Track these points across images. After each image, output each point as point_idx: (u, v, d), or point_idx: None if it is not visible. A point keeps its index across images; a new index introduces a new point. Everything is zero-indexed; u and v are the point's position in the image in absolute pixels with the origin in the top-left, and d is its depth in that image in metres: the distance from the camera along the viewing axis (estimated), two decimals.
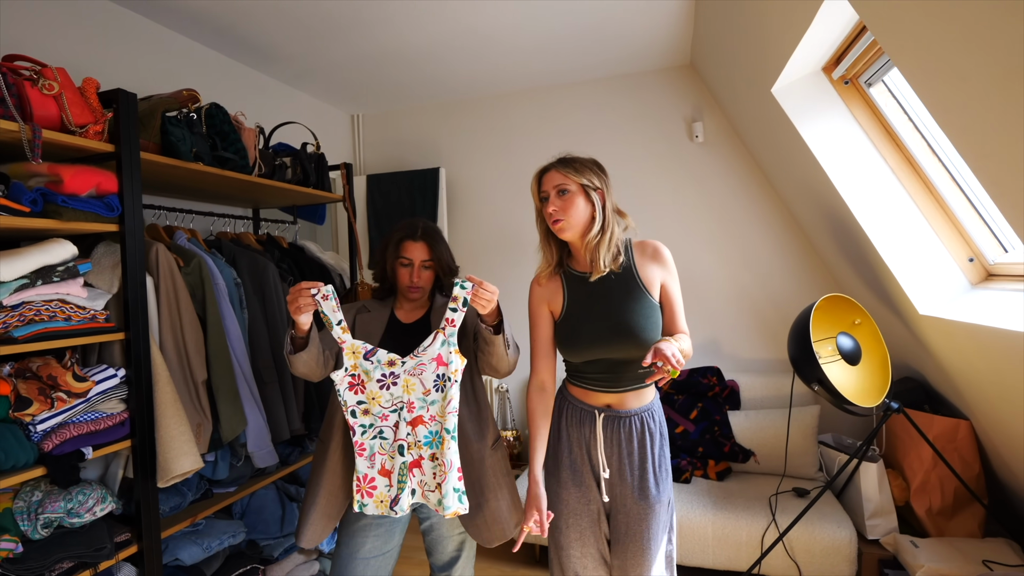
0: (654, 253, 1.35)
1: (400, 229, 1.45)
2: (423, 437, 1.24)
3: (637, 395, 1.33)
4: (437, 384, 1.25)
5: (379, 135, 3.46)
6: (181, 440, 1.40)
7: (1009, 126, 0.94)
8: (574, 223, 1.29)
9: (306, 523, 1.37)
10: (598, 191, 1.31)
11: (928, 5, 0.97)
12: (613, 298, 1.30)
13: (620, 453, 1.33)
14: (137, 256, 1.42)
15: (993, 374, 1.57)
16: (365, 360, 1.24)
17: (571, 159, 1.33)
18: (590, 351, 1.31)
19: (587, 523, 1.35)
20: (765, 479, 2.43)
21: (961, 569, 1.76)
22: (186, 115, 1.66)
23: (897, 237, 1.81)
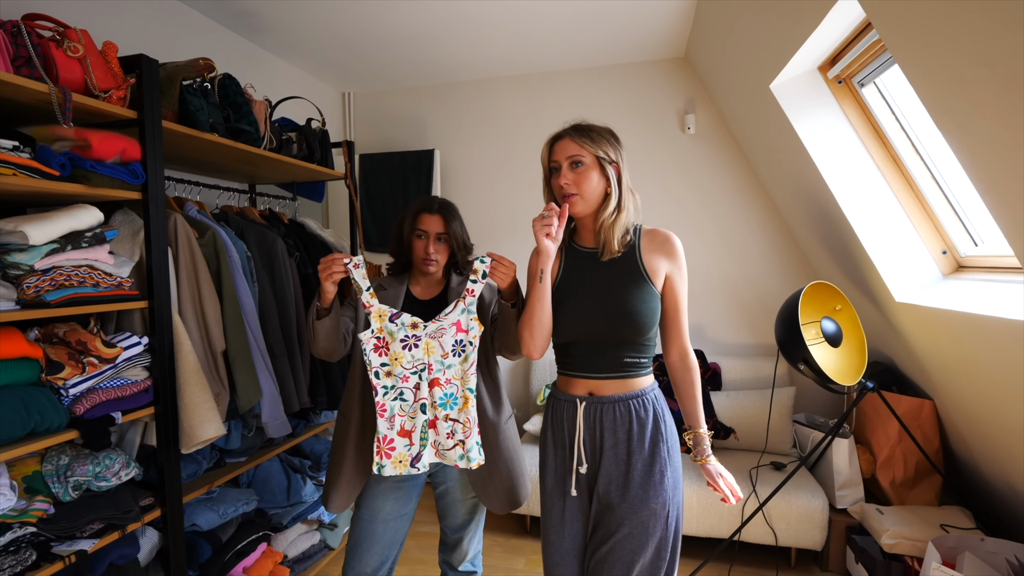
0: (664, 242, 1.22)
1: (417, 202, 1.50)
2: (439, 398, 1.29)
3: (621, 382, 1.20)
4: (455, 349, 1.30)
5: (371, 114, 3.44)
6: (205, 408, 1.42)
7: (1005, 130, 1.05)
8: (588, 198, 1.19)
9: (334, 490, 1.43)
10: (614, 164, 1.20)
11: (934, 8, 1.07)
12: (610, 279, 1.20)
13: (603, 445, 1.19)
14: (160, 225, 1.42)
15: (960, 356, 1.73)
16: (390, 323, 1.30)
17: (587, 127, 1.22)
18: (572, 329, 1.21)
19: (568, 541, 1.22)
20: (745, 454, 2.59)
21: (921, 533, 1.94)
22: (201, 84, 1.65)
23: (879, 229, 1.95)
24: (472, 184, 3.30)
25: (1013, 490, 1.83)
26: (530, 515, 2.55)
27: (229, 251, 1.69)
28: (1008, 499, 1.90)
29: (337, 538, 2.29)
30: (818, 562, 2.31)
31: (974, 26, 0.98)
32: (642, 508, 1.14)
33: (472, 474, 1.44)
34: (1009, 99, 1.00)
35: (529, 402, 3.14)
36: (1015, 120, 1.02)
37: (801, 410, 2.87)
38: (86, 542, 1.25)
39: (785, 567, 2.28)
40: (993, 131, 1.09)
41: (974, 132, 1.15)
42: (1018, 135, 1.03)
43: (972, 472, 2.11)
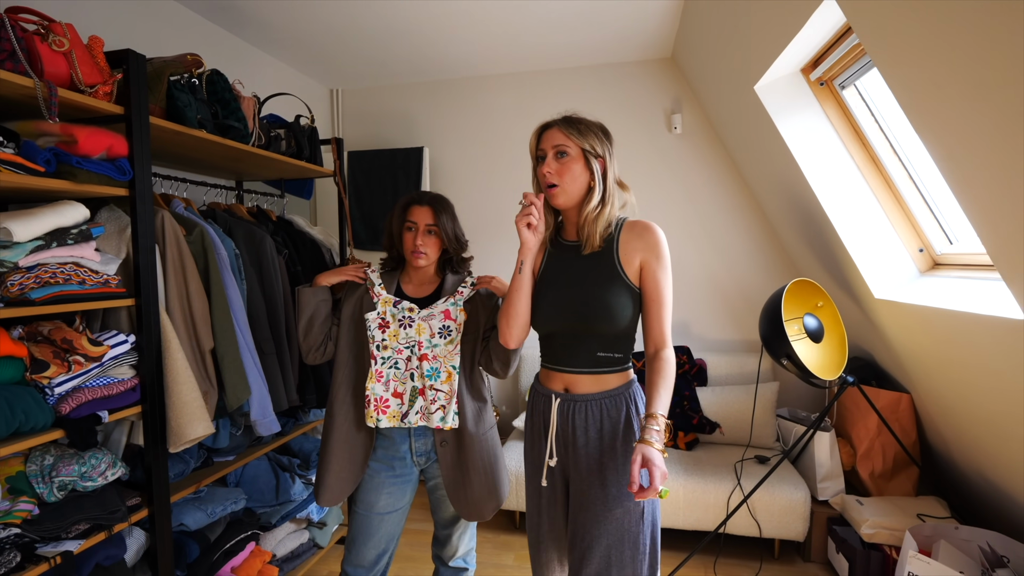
0: (642, 232, 1.19)
1: (408, 195, 1.54)
2: (427, 371, 1.47)
3: (595, 379, 1.19)
4: (442, 332, 1.48)
5: (360, 111, 3.42)
6: (194, 406, 1.40)
7: (978, 132, 1.09)
8: (569, 190, 1.17)
9: (323, 486, 1.46)
10: (599, 159, 1.19)
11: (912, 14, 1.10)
12: (585, 272, 1.20)
13: (576, 443, 1.19)
14: (147, 222, 1.40)
15: (936, 351, 1.79)
16: (394, 307, 1.50)
17: (576, 119, 1.20)
18: (550, 320, 1.22)
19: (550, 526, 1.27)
20: (730, 448, 2.64)
21: (899, 522, 1.99)
22: (189, 80, 1.63)
23: (859, 228, 2.00)
24: (461, 182, 3.30)
25: (986, 480, 1.89)
26: (519, 511, 2.56)
27: (217, 248, 1.67)
28: (981, 489, 1.97)
29: (326, 537, 2.29)
30: (800, 553, 2.36)
31: (949, 33, 1.02)
32: (616, 506, 1.14)
33: (447, 480, 1.50)
34: (981, 103, 1.04)
35: (518, 398, 3.16)
36: (987, 124, 1.05)
37: (784, 405, 2.93)
38: (72, 543, 1.24)
39: (769, 558, 2.33)
40: (966, 134, 1.13)
41: (948, 134, 1.19)
42: (989, 138, 1.07)
43: (947, 463, 2.17)
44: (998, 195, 1.14)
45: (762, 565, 2.28)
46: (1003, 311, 1.32)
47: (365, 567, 1.52)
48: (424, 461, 1.53)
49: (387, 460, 1.52)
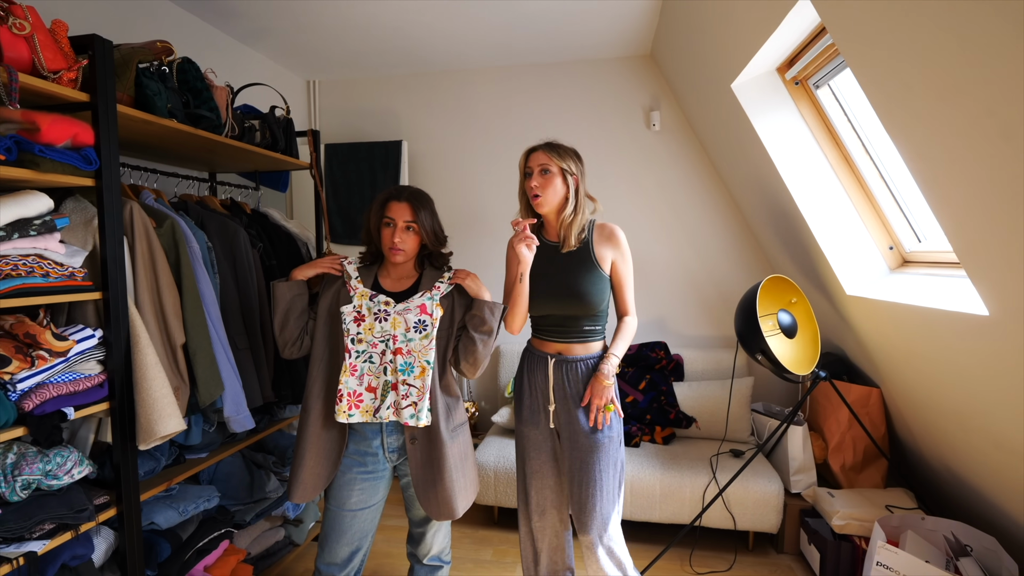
0: (610, 235, 1.59)
1: (387, 191, 1.54)
2: (400, 365, 1.46)
3: (584, 345, 1.59)
4: (417, 326, 1.48)
5: (337, 103, 3.37)
6: (164, 402, 1.37)
7: (945, 133, 1.12)
8: (550, 199, 1.53)
9: (296, 480, 1.44)
10: (573, 176, 1.54)
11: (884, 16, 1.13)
12: (569, 267, 1.56)
13: (568, 393, 1.57)
14: (115, 213, 1.36)
15: (904, 346, 1.84)
16: (370, 300, 1.50)
17: (556, 144, 1.55)
18: (544, 306, 1.58)
19: (545, 458, 1.63)
20: (706, 443, 2.68)
21: (868, 514, 2.05)
22: (159, 68, 1.58)
23: (831, 226, 2.04)
24: (440, 176, 3.28)
25: (951, 472, 1.96)
26: (498, 506, 2.57)
27: (189, 241, 1.64)
28: (947, 480, 2.03)
29: (303, 534, 2.26)
30: (774, 544, 2.41)
31: (919, 35, 1.04)
32: (604, 438, 1.54)
33: (416, 479, 1.50)
34: (948, 104, 1.07)
35: (497, 395, 3.16)
36: (954, 124, 1.08)
37: (759, 399, 2.99)
38: (36, 543, 1.20)
39: (743, 550, 2.38)
40: (934, 134, 1.16)
41: (917, 134, 1.22)
42: (956, 139, 1.10)
43: (915, 456, 2.24)
44: (964, 194, 1.17)
45: (736, 557, 2.32)
46: (968, 307, 1.37)
47: (338, 564, 1.51)
48: (396, 457, 1.53)
49: (359, 456, 1.51)
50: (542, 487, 1.65)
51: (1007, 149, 0.98)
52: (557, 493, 1.66)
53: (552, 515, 1.67)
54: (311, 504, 2.31)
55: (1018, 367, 1.30)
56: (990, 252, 1.19)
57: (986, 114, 0.98)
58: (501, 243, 3.21)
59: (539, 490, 1.65)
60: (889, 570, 1.64)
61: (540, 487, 1.65)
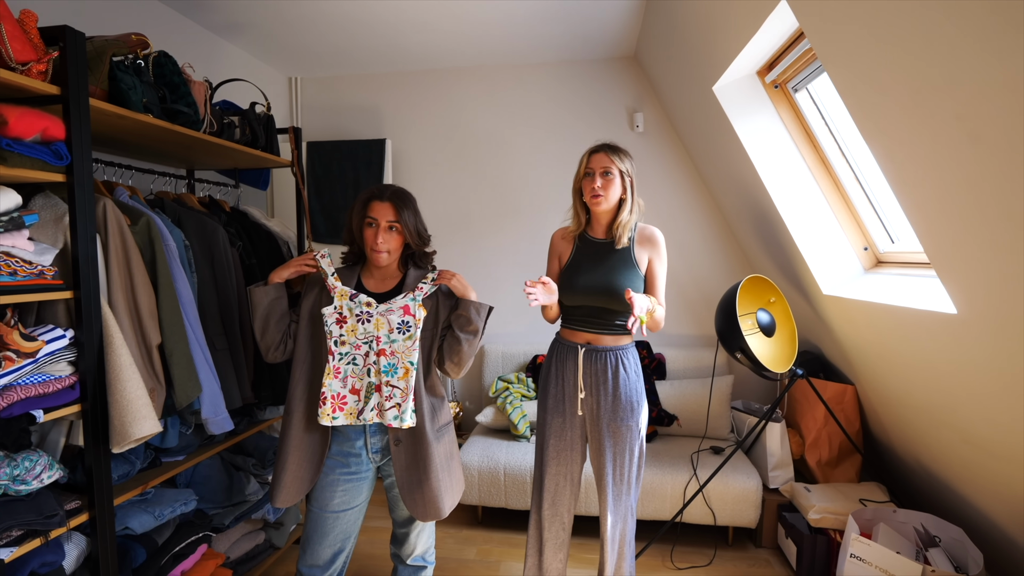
0: (650, 237, 1.68)
1: (368, 190, 1.50)
2: (384, 367, 1.44)
3: (613, 337, 1.66)
4: (400, 327, 1.46)
5: (320, 101, 3.33)
6: (139, 404, 1.34)
7: (917, 137, 1.14)
8: (610, 200, 1.61)
9: (279, 485, 1.42)
10: (631, 178, 1.63)
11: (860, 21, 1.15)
12: (609, 263, 1.64)
13: (596, 381, 1.64)
14: (87, 209, 1.32)
15: (878, 344, 1.88)
16: (350, 300, 1.47)
17: (616, 146, 1.63)
18: (581, 297, 1.64)
19: (565, 445, 1.68)
20: (687, 440, 2.71)
21: (843, 507, 2.09)
22: (134, 61, 1.54)
23: (809, 227, 2.08)
24: (425, 175, 3.26)
25: (922, 465, 2.01)
26: (482, 506, 2.56)
27: (165, 239, 1.60)
28: (917, 474, 2.08)
29: (283, 537, 2.23)
30: (752, 539, 2.45)
31: (893, 41, 1.06)
32: (623, 425, 1.63)
33: (400, 480, 1.47)
34: (920, 109, 1.09)
35: (482, 394, 3.15)
36: (925, 129, 1.11)
37: (739, 397, 3.03)
38: (4, 550, 1.16)
39: (723, 545, 2.41)
40: (906, 138, 1.19)
41: (890, 137, 1.25)
42: (926, 142, 1.12)
43: (888, 451, 2.29)
44: (934, 196, 1.20)
45: (716, 552, 2.35)
46: (937, 306, 1.40)
47: (320, 567, 1.48)
48: (380, 458, 1.51)
49: (342, 457, 1.49)
50: (556, 474, 1.69)
51: (974, 152, 1.01)
52: (571, 485, 1.71)
53: (562, 506, 1.72)
54: (292, 507, 2.27)
55: (984, 364, 1.34)
56: (958, 252, 1.22)
57: (954, 118, 1.00)
58: (486, 243, 3.20)
59: (553, 477, 1.69)
60: (862, 562, 1.67)
61: (555, 474, 1.69)
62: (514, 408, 2.69)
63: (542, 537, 1.73)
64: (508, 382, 2.85)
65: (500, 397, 2.77)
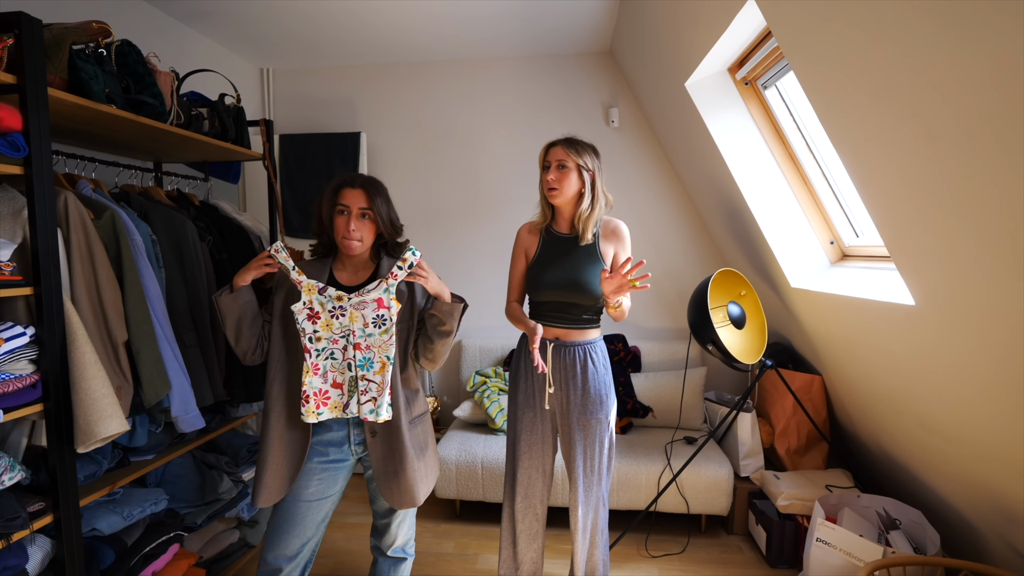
0: (614, 230, 1.69)
1: (338, 178, 1.46)
2: (359, 360, 1.43)
3: (581, 332, 1.68)
4: (375, 321, 1.43)
5: (293, 93, 3.27)
6: (105, 402, 1.30)
7: (875, 132, 1.18)
8: (565, 193, 1.62)
9: (260, 485, 1.41)
10: (590, 172, 1.62)
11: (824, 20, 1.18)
12: (575, 258, 1.65)
13: (566, 376, 1.66)
14: (47, 203, 1.28)
15: (842, 335, 1.94)
16: (319, 295, 1.42)
17: (575, 140, 1.63)
18: (547, 292, 1.66)
19: (536, 439, 1.71)
20: (661, 431, 2.76)
21: (810, 493, 2.16)
22: (95, 50, 1.49)
23: (778, 221, 2.13)
24: (400, 169, 3.23)
25: (884, 452, 2.08)
26: (460, 500, 2.57)
27: (131, 234, 1.56)
28: (880, 460, 2.16)
29: (258, 535, 2.20)
30: (725, 526, 2.51)
31: (855, 40, 1.10)
32: (592, 418, 1.65)
33: (377, 471, 1.47)
34: (880, 107, 1.13)
35: (459, 389, 3.15)
36: (884, 125, 1.15)
37: (712, 388, 3.09)
38: None
39: (696, 533, 2.46)
40: (866, 134, 1.23)
41: (852, 134, 1.29)
42: (886, 139, 1.16)
43: (852, 438, 2.37)
44: (893, 191, 1.25)
45: (690, 540, 2.41)
46: (897, 298, 1.45)
47: (288, 556, 1.46)
48: (361, 450, 1.51)
49: (321, 446, 1.48)
50: (529, 467, 1.72)
51: (930, 149, 1.05)
52: (543, 477, 1.74)
53: (534, 498, 1.74)
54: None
55: (940, 353, 1.39)
56: (916, 246, 1.27)
57: (912, 115, 1.04)
58: (461, 237, 3.20)
59: (525, 470, 1.72)
60: (828, 545, 1.73)
61: (527, 467, 1.72)
62: (492, 402, 2.70)
63: (515, 529, 1.75)
64: (486, 376, 2.85)
65: (478, 391, 2.78)
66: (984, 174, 0.96)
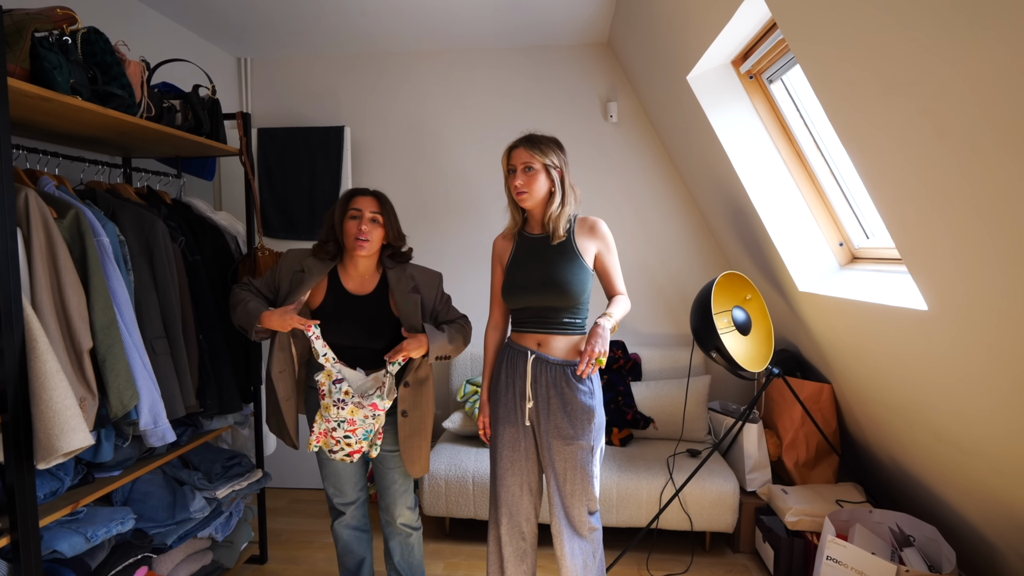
0: (592, 227, 1.68)
1: (349, 190, 1.73)
2: (361, 435, 1.72)
3: (565, 339, 1.66)
4: (363, 422, 1.70)
5: (272, 84, 3.26)
6: (68, 414, 1.29)
7: (885, 130, 1.19)
8: (535, 196, 1.63)
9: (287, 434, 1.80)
10: (557, 169, 1.63)
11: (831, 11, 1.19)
12: (550, 259, 1.64)
13: (547, 394, 1.64)
14: (6, 201, 1.26)
15: (853, 341, 1.95)
16: (333, 384, 1.67)
17: (536, 138, 1.63)
18: (524, 296, 1.65)
19: (519, 455, 1.69)
20: (663, 443, 2.76)
21: (820, 509, 2.17)
22: (59, 38, 1.48)
23: (784, 222, 2.14)
24: (386, 165, 3.23)
25: (897, 465, 2.10)
26: (449, 518, 2.56)
27: (97, 234, 1.54)
28: (893, 473, 2.17)
29: (233, 556, 2.18)
30: (730, 544, 2.51)
31: (863, 32, 1.11)
32: (574, 443, 1.62)
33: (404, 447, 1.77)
34: (889, 102, 1.14)
35: (449, 400, 3.15)
36: (894, 122, 1.16)
37: (716, 398, 3.10)
38: None
39: (700, 551, 2.47)
40: (876, 131, 1.24)
41: (861, 131, 1.30)
42: (896, 136, 1.17)
43: (864, 450, 2.39)
44: (904, 191, 1.26)
45: (693, 559, 2.41)
46: (909, 303, 1.46)
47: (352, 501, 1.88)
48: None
49: None
50: (512, 484, 1.69)
51: (942, 148, 1.06)
52: (529, 495, 1.71)
53: (520, 517, 1.71)
54: (243, 524, 2.23)
55: (954, 360, 1.40)
56: (928, 248, 1.28)
57: (921, 113, 1.05)
58: (451, 239, 3.20)
59: (508, 488, 1.69)
60: (839, 564, 1.74)
61: (511, 485, 1.69)
62: None
63: (502, 553, 1.73)
64: (477, 385, 2.85)
65: (469, 401, 2.77)
66: (998, 173, 0.97)
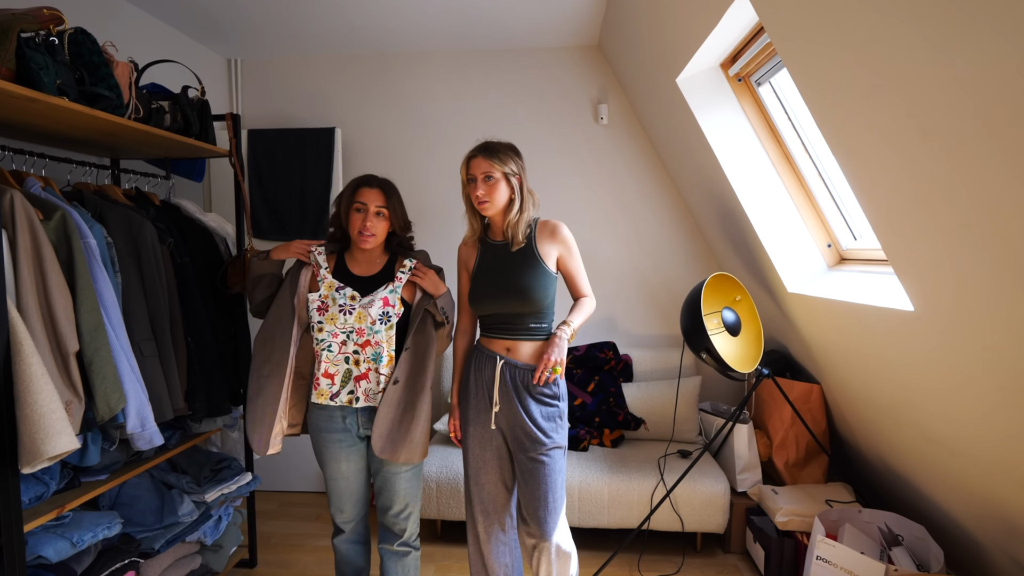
0: (553, 231, 1.69)
1: (356, 179, 1.70)
2: (371, 355, 1.65)
3: (532, 344, 1.68)
4: (381, 318, 1.65)
5: (262, 85, 3.25)
6: (53, 418, 1.28)
7: (870, 132, 1.21)
8: (497, 204, 1.64)
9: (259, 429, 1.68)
10: (517, 176, 1.65)
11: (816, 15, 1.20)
12: (513, 265, 1.66)
13: (512, 400, 1.65)
14: None
15: (841, 342, 1.97)
16: (336, 292, 1.65)
17: (494, 146, 1.64)
18: (488, 305, 1.68)
19: (488, 456, 1.71)
20: (654, 444, 2.77)
21: (810, 509, 2.18)
22: (46, 38, 1.48)
23: (773, 224, 2.16)
24: (377, 167, 3.21)
25: (886, 465, 2.12)
26: (441, 519, 2.56)
27: (84, 236, 1.54)
28: (882, 473, 2.20)
29: (222, 561, 2.17)
30: (721, 545, 2.53)
31: (849, 35, 1.12)
32: (542, 448, 1.63)
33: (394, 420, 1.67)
34: (874, 105, 1.16)
35: (441, 400, 3.14)
36: (879, 125, 1.17)
37: (707, 399, 3.12)
38: None
39: (691, 552, 2.48)
40: (861, 133, 1.26)
41: (848, 134, 1.32)
42: (881, 138, 1.19)
43: (853, 450, 2.41)
44: (889, 193, 1.27)
45: (684, 559, 2.42)
46: (896, 304, 1.48)
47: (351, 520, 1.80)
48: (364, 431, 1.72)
49: (336, 434, 1.69)
50: (486, 483, 1.71)
51: (926, 150, 1.07)
52: (500, 493, 1.72)
53: (496, 516, 1.72)
54: (232, 528, 2.22)
55: (941, 361, 1.42)
56: (913, 249, 1.29)
57: (906, 115, 1.07)
58: (442, 239, 3.20)
59: (483, 486, 1.71)
60: (828, 563, 1.75)
61: (485, 483, 1.71)
62: None
63: (482, 551, 1.74)
64: None
65: None
66: (982, 175, 0.99)
